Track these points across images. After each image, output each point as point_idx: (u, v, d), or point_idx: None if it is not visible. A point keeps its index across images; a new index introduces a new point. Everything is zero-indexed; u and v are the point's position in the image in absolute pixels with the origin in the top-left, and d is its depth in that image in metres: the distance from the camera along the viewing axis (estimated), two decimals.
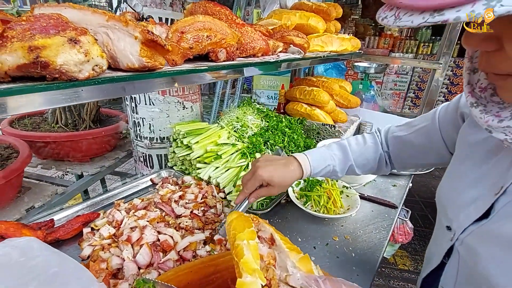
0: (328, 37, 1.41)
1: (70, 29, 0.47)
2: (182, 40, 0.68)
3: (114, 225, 0.87)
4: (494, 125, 0.45)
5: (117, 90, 0.57)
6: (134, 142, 1.71)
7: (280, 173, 0.80)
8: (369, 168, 0.91)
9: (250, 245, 0.45)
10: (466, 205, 0.56)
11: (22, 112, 0.47)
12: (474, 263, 0.52)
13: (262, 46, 0.97)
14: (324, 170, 0.86)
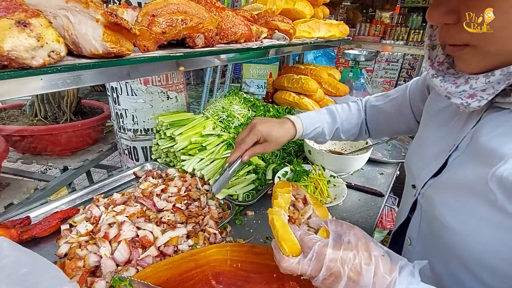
0: (315, 22, 1.37)
1: (20, 11, 0.42)
2: (153, 24, 0.64)
3: (92, 221, 0.84)
4: (452, 91, 0.51)
5: (78, 80, 0.53)
6: (117, 134, 1.66)
7: (277, 129, 0.86)
8: (352, 133, 1.01)
9: (284, 195, 0.66)
10: (427, 163, 0.64)
11: None
12: (432, 211, 0.59)
13: (244, 32, 0.93)
14: (314, 131, 0.93)
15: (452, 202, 0.54)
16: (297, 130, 0.90)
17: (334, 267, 0.47)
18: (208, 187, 1.09)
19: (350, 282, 0.46)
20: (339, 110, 0.98)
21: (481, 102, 0.49)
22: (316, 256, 0.49)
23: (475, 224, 0.49)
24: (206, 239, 0.84)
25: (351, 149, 1.42)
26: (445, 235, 0.55)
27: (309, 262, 0.50)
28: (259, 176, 1.19)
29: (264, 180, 1.19)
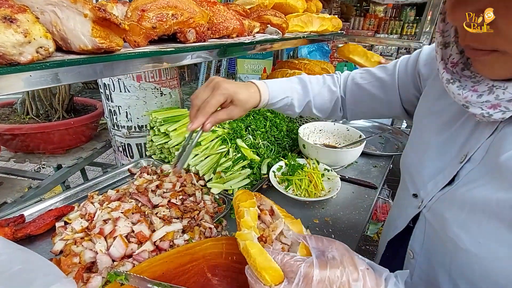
0: (308, 16, 1.37)
1: (6, 7, 0.42)
2: (143, 19, 0.63)
3: (87, 218, 0.84)
4: (473, 100, 0.45)
5: (70, 75, 0.53)
6: (111, 131, 1.65)
7: (243, 91, 0.72)
8: (325, 109, 0.89)
9: (250, 211, 0.59)
10: (433, 174, 0.58)
11: None
12: (442, 227, 0.54)
13: (236, 26, 0.93)
14: (282, 101, 0.81)
15: (469, 223, 0.49)
16: (262, 97, 0.77)
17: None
18: (203, 182, 1.10)
19: None
20: (313, 82, 0.87)
21: (505, 114, 0.43)
22: (303, 280, 0.44)
23: (495, 247, 0.45)
24: (202, 233, 0.85)
25: (345, 143, 1.43)
26: (458, 256, 0.51)
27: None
28: (254, 171, 1.20)
29: (259, 174, 1.20)
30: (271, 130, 1.42)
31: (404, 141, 1.62)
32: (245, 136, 1.29)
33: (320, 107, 0.88)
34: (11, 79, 0.45)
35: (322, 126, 1.49)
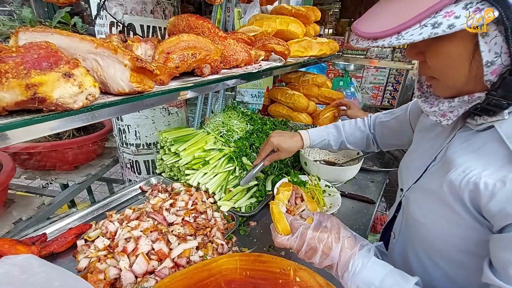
0: (308, 42, 1.47)
1: (63, 63, 0.50)
2: (168, 60, 0.72)
3: (108, 236, 0.90)
4: (427, 110, 0.63)
5: (108, 113, 0.60)
6: (120, 149, 1.71)
7: (287, 141, 1.09)
8: (359, 145, 1.18)
9: (284, 192, 0.84)
10: (413, 171, 0.74)
11: (20, 141, 0.49)
12: (408, 209, 0.71)
13: (244, 58, 1.02)
14: (321, 143, 1.15)
15: (421, 202, 0.66)
16: (305, 143, 1.12)
17: (312, 244, 0.64)
18: (212, 199, 1.17)
19: (323, 255, 0.63)
20: (345, 126, 1.17)
21: (448, 121, 0.60)
22: (300, 235, 0.66)
23: (435, 219, 0.62)
24: (215, 249, 0.91)
25: (344, 159, 1.52)
26: (415, 229, 0.68)
27: (295, 239, 0.67)
28: (259, 188, 1.27)
29: (264, 191, 1.27)
30: None
31: (399, 156, 1.71)
32: (250, 154, 1.37)
33: (354, 143, 1.17)
34: (63, 121, 0.53)
35: None
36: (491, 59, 0.48)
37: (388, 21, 0.49)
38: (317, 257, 0.64)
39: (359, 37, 0.53)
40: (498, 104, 0.51)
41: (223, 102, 3.32)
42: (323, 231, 0.65)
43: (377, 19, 0.52)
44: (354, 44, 0.55)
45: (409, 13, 0.47)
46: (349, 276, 0.60)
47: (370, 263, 0.60)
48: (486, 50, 0.47)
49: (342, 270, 0.62)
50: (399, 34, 0.48)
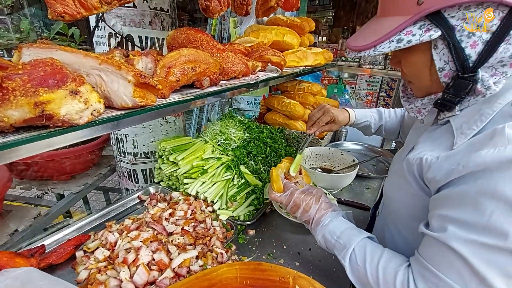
0: (303, 52, 1.51)
1: (70, 80, 0.51)
2: (169, 74, 0.74)
3: (108, 247, 0.91)
4: (407, 108, 0.77)
5: (112, 127, 0.62)
6: (117, 158, 1.71)
7: (341, 115, 1.22)
8: (392, 133, 1.29)
9: (286, 163, 1.07)
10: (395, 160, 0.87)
11: (26, 156, 0.51)
12: (384, 188, 0.86)
13: (242, 69, 1.04)
14: (363, 123, 1.27)
15: (390, 180, 0.82)
16: (351, 119, 1.25)
17: (297, 201, 0.87)
18: (211, 208, 1.18)
19: (304, 211, 0.86)
20: (386, 113, 1.28)
21: (423, 116, 0.74)
22: (289, 194, 0.90)
23: (397, 192, 0.76)
24: (214, 258, 0.92)
25: (340, 166, 1.54)
26: (387, 204, 0.82)
27: (285, 197, 0.90)
28: (257, 195, 1.29)
29: (262, 199, 1.28)
30: (271, 155, 1.52)
31: None
32: (247, 163, 1.39)
33: (389, 130, 1.28)
34: (68, 136, 0.54)
35: (318, 150, 1.60)
36: (442, 66, 0.62)
37: (368, 38, 0.65)
38: (299, 212, 0.87)
39: (349, 50, 0.69)
40: (451, 100, 0.65)
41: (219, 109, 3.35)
42: (307, 195, 0.88)
43: (362, 37, 0.67)
44: (347, 55, 0.70)
45: (382, 32, 0.63)
46: (319, 228, 0.81)
47: (336, 220, 0.80)
48: (438, 59, 0.62)
49: (315, 224, 0.84)
50: (375, 47, 0.64)
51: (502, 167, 0.50)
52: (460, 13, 0.56)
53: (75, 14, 0.66)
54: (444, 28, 0.57)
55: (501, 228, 0.49)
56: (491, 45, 0.55)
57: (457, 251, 0.53)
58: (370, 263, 0.69)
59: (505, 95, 0.59)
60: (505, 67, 0.57)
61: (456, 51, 0.58)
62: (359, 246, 0.73)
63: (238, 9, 1.13)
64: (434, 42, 0.60)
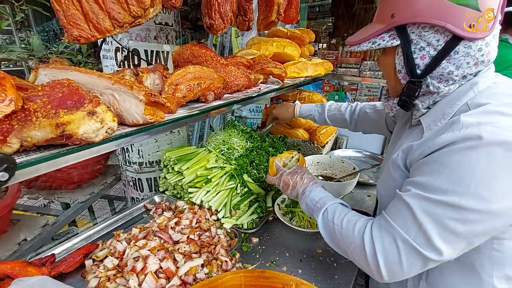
0: (303, 64, 1.55)
1: (87, 101, 0.55)
2: (177, 91, 0.78)
3: (117, 255, 0.94)
4: (384, 104, 0.90)
5: (124, 142, 0.66)
6: (123, 167, 1.75)
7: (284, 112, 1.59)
8: (337, 124, 1.50)
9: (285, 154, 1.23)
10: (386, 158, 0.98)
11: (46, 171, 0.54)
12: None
13: (244, 83, 1.09)
14: (308, 116, 1.52)
15: (382, 174, 0.91)
16: (295, 114, 1.55)
17: (286, 181, 1.05)
18: (215, 217, 1.21)
19: (292, 188, 1.02)
20: (331, 107, 1.48)
21: (393, 113, 0.89)
22: (279, 176, 1.09)
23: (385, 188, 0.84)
24: (219, 266, 0.95)
25: (340, 174, 1.57)
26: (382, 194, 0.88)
27: (276, 179, 1.10)
28: (260, 204, 1.32)
29: (265, 207, 1.31)
30: None
31: None
32: (250, 172, 1.42)
33: (332, 121, 1.48)
34: (85, 153, 0.58)
35: (319, 159, 1.63)
36: (399, 69, 0.76)
37: (358, 37, 0.79)
38: (289, 190, 1.04)
39: (346, 43, 0.84)
40: (406, 101, 0.78)
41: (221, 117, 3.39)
42: (293, 174, 1.05)
43: (355, 36, 0.81)
44: (347, 49, 0.85)
45: (366, 34, 0.77)
46: (303, 197, 0.97)
47: (315, 190, 0.96)
48: (398, 63, 0.76)
49: (300, 195, 0.99)
50: (359, 45, 0.78)
51: (455, 143, 0.62)
52: (418, 31, 0.70)
53: (90, 37, 0.70)
54: (403, 39, 0.72)
55: (442, 186, 0.61)
56: (436, 60, 0.70)
57: (407, 203, 0.66)
58: (338, 218, 0.83)
59: (462, 98, 0.70)
60: (443, 82, 0.73)
61: (408, 59, 0.73)
62: (331, 207, 0.88)
63: (240, 25, 1.18)
64: (397, 49, 0.75)
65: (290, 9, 1.45)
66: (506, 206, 0.59)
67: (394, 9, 0.72)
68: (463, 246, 0.62)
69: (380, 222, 0.72)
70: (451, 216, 0.60)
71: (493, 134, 0.58)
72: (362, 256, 0.72)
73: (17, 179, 0.48)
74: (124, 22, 0.74)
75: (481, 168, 0.58)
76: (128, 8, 0.72)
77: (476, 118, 0.64)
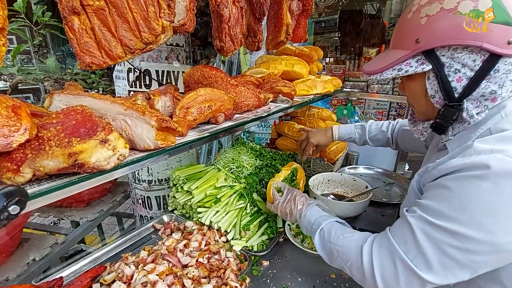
0: (312, 81, 1.55)
1: (100, 129, 0.55)
2: (187, 115, 0.78)
3: (125, 280, 0.92)
4: (412, 129, 0.89)
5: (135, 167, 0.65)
6: (132, 185, 1.76)
7: (323, 139, 1.46)
8: (379, 144, 1.45)
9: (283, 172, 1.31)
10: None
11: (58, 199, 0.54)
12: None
13: (254, 102, 1.08)
14: (348, 139, 1.47)
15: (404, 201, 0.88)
16: (334, 138, 1.46)
17: (283, 210, 1.07)
18: (225, 238, 1.18)
19: (290, 215, 1.04)
20: (371, 127, 1.44)
21: (424, 138, 0.86)
22: (275, 206, 1.12)
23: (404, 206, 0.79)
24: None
25: (352, 193, 1.53)
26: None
27: (274, 208, 1.13)
28: (270, 224, 1.29)
29: (275, 228, 1.28)
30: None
31: (407, 187, 1.72)
32: (260, 190, 1.40)
33: (375, 141, 1.44)
34: (96, 180, 0.57)
35: (330, 176, 1.60)
36: (433, 94, 0.73)
37: (377, 65, 0.77)
38: (288, 217, 1.07)
39: (363, 73, 0.83)
40: (442, 124, 0.74)
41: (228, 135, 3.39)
42: (287, 202, 1.07)
43: (373, 64, 0.80)
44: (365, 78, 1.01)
45: (388, 61, 0.75)
46: (301, 221, 0.99)
47: (310, 212, 0.97)
48: (430, 88, 0.73)
49: (299, 220, 1.00)
50: (381, 73, 0.76)
51: (464, 169, 0.61)
52: (449, 53, 0.67)
53: (102, 64, 0.72)
54: (434, 64, 0.69)
55: (446, 212, 0.61)
56: (474, 81, 0.67)
57: (410, 224, 0.66)
58: (333, 236, 0.83)
59: (487, 122, 0.69)
60: (487, 101, 0.68)
61: (443, 83, 0.70)
62: (327, 226, 0.88)
63: (250, 46, 1.20)
64: (427, 73, 0.72)
65: (298, 29, 1.46)
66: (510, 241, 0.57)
67: (418, 34, 0.69)
68: (466, 274, 0.61)
69: (381, 239, 0.73)
70: (452, 243, 0.60)
71: (502, 163, 0.56)
72: (360, 271, 0.73)
73: (29, 209, 0.48)
74: (135, 49, 0.75)
75: (487, 198, 0.57)
76: (139, 35, 0.74)
77: (490, 144, 0.62)
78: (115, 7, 0.69)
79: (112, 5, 0.69)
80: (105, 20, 0.69)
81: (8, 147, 0.49)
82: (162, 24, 0.75)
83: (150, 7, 0.72)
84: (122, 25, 0.71)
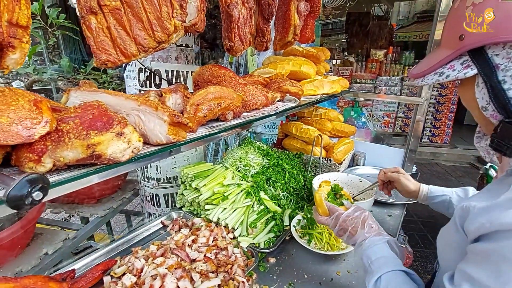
0: (320, 81, 1.56)
1: (116, 123, 0.58)
2: (198, 111, 0.80)
3: (135, 273, 0.94)
4: (477, 145, 0.72)
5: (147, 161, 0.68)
6: (141, 182, 1.79)
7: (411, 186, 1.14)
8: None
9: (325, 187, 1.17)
10: None
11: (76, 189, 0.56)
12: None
13: (262, 101, 1.10)
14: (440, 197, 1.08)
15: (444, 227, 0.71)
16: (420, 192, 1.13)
17: (344, 226, 0.89)
18: (232, 235, 1.20)
19: (350, 235, 0.87)
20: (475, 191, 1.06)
21: (490, 157, 0.69)
22: (335, 218, 0.93)
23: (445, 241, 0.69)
24: (236, 287, 0.93)
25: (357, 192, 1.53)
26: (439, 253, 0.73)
27: (331, 220, 0.94)
28: (276, 222, 1.30)
29: (282, 226, 1.29)
30: (290, 181, 1.54)
31: None
32: (267, 189, 1.41)
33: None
34: (112, 172, 0.60)
35: (336, 177, 1.60)
36: (484, 105, 0.58)
37: (421, 69, 0.66)
38: (345, 236, 0.89)
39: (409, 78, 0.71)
40: (499, 144, 0.56)
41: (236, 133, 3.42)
42: (353, 218, 0.89)
43: (419, 66, 0.69)
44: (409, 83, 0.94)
45: (431, 63, 0.63)
46: (359, 250, 0.84)
47: (375, 246, 0.80)
48: (480, 98, 0.58)
49: (357, 246, 0.85)
50: (423, 78, 0.66)
51: None
52: (505, 52, 0.52)
53: (117, 61, 0.75)
54: (482, 66, 0.54)
55: None
56: None
57: None
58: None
59: None
60: None
61: (494, 92, 0.53)
62: (387, 275, 0.71)
63: (258, 46, 1.22)
64: (476, 78, 0.57)
65: (305, 30, 1.48)
66: None
67: (462, 29, 0.55)
68: None
69: None
70: None
71: None
72: None
73: (49, 197, 0.50)
74: (149, 47, 0.78)
75: None
76: (153, 34, 0.76)
77: None
78: (130, 7, 0.72)
79: (127, 5, 0.72)
80: (121, 20, 0.72)
81: (30, 138, 0.51)
82: (174, 23, 0.78)
83: (164, 7, 0.75)
84: (136, 24, 0.74)
